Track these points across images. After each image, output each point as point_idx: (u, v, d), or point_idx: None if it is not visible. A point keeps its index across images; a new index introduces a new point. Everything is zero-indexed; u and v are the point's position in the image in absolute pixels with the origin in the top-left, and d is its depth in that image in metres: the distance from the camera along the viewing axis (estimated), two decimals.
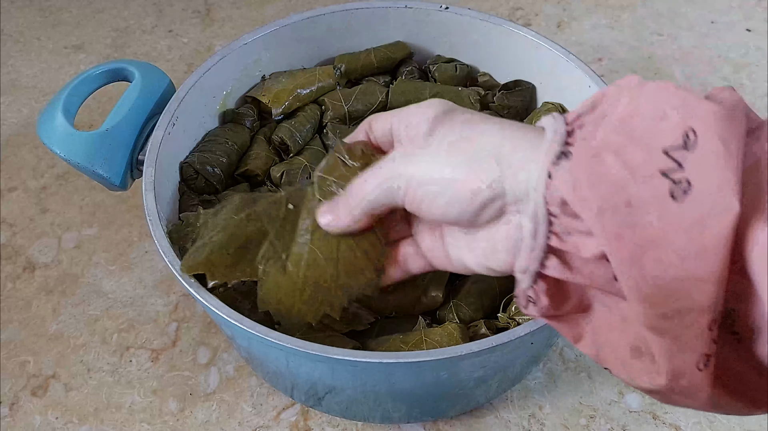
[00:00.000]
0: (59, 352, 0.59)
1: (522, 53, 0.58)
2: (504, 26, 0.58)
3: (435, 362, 0.42)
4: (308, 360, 0.45)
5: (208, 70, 0.55)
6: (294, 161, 0.57)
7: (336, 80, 0.61)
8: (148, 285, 0.62)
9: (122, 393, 0.57)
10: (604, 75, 0.77)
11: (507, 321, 0.48)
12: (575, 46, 0.81)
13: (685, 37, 0.82)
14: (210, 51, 0.81)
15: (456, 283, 0.51)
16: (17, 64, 0.80)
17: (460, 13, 0.59)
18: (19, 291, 0.62)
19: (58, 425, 0.55)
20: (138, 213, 0.67)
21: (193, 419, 0.55)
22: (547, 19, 0.84)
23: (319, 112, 0.60)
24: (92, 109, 0.74)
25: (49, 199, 0.68)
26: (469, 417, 0.55)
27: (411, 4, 0.60)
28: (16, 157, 0.72)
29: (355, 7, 0.60)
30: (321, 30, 0.60)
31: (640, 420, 0.55)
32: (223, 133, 0.57)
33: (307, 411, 0.56)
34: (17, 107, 0.76)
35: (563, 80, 0.56)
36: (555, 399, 0.56)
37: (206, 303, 0.44)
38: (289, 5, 0.87)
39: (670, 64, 0.79)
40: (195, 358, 0.58)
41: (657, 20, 0.84)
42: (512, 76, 0.60)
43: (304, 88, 0.59)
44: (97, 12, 0.86)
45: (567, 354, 0.58)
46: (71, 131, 0.50)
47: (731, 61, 0.79)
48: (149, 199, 0.48)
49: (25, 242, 0.65)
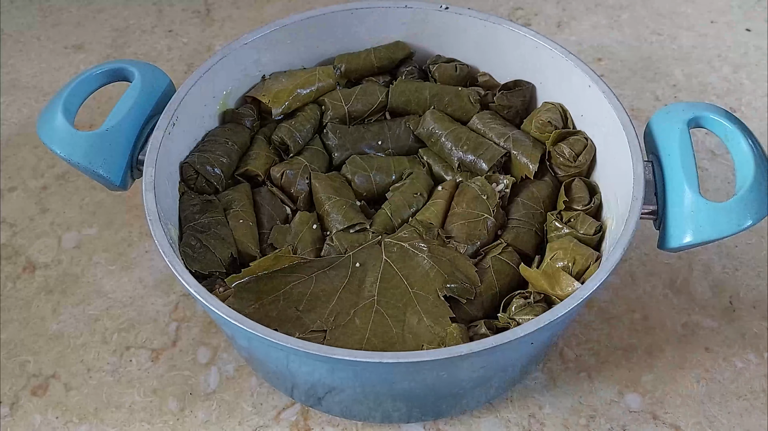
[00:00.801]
0: (59, 352, 0.59)
1: (522, 53, 0.58)
2: (504, 26, 0.58)
3: (435, 362, 0.42)
4: (308, 360, 0.45)
5: (208, 70, 0.55)
6: (294, 161, 0.57)
7: (336, 80, 0.61)
8: (148, 285, 0.62)
9: (122, 393, 0.57)
10: (604, 75, 0.77)
11: (507, 321, 0.48)
12: (575, 46, 0.81)
13: (685, 37, 0.82)
14: (210, 51, 0.81)
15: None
16: (17, 64, 0.80)
17: (460, 13, 0.59)
18: (19, 291, 0.62)
19: (58, 424, 0.55)
20: (138, 213, 0.67)
21: (193, 419, 0.55)
22: (547, 19, 0.84)
23: (319, 112, 0.60)
24: (92, 109, 0.74)
25: (49, 198, 0.68)
26: (469, 417, 0.55)
27: (411, 4, 0.60)
28: (16, 157, 0.72)
29: (355, 7, 0.60)
30: (321, 30, 0.60)
31: (640, 420, 0.55)
32: (223, 133, 0.57)
33: (307, 411, 0.56)
34: (17, 107, 0.76)
35: (563, 80, 0.56)
36: (555, 399, 0.56)
37: (206, 303, 0.44)
38: (289, 5, 0.87)
39: (669, 64, 0.79)
40: (195, 358, 0.58)
41: (657, 20, 0.84)
42: (512, 76, 0.60)
43: (304, 88, 0.59)
44: (97, 12, 0.86)
45: (567, 354, 0.58)
46: (71, 131, 0.50)
47: (731, 61, 0.79)
48: (149, 199, 0.48)
49: (25, 242, 0.65)
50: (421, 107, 0.59)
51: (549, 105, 0.57)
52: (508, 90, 0.59)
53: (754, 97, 0.76)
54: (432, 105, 0.59)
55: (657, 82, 0.77)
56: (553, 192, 0.54)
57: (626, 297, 0.61)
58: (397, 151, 0.59)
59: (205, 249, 0.50)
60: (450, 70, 0.61)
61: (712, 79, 0.77)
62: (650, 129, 0.51)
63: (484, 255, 0.51)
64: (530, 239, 0.53)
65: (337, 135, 0.58)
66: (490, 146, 0.56)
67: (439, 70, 0.61)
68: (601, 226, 0.52)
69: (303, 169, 0.56)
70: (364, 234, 0.53)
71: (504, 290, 0.50)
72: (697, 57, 0.80)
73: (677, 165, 0.48)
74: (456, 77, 0.61)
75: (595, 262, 0.49)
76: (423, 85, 0.60)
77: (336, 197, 0.54)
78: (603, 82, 0.53)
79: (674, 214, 0.47)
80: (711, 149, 0.71)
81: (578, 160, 0.54)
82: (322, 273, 0.50)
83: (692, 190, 0.47)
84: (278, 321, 0.47)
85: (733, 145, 0.49)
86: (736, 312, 0.60)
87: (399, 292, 0.49)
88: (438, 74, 0.61)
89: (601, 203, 0.54)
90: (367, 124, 0.60)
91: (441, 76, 0.61)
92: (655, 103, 0.75)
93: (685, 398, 0.56)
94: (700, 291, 0.62)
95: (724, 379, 0.57)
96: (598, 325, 0.60)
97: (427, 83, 0.60)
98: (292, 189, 0.56)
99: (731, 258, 0.63)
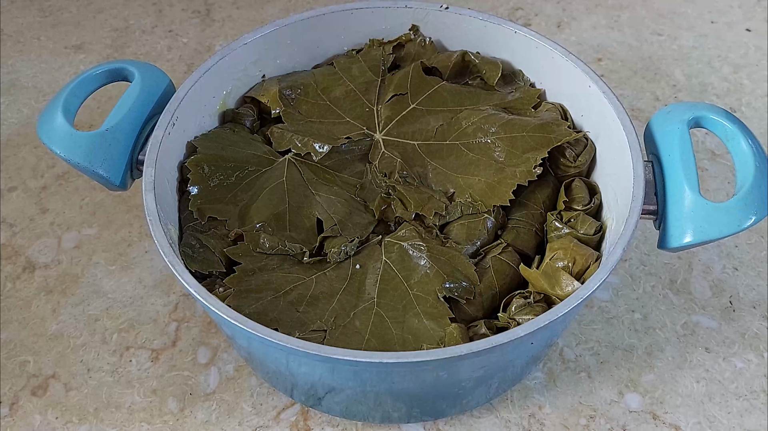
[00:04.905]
0: (59, 352, 0.59)
1: (522, 53, 0.58)
2: (504, 26, 0.58)
3: (435, 362, 0.42)
4: (308, 360, 0.45)
5: (208, 70, 0.55)
6: None
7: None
8: (148, 285, 0.62)
9: (122, 393, 0.57)
10: (604, 75, 0.77)
11: (507, 321, 0.48)
12: (575, 46, 0.81)
13: (685, 37, 0.82)
14: (210, 51, 0.81)
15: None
16: (17, 64, 0.80)
17: (460, 13, 0.59)
18: (19, 291, 0.62)
19: (58, 425, 0.55)
20: (138, 213, 0.67)
21: (193, 419, 0.55)
22: (547, 19, 0.84)
23: None
24: (92, 109, 0.74)
25: (49, 199, 0.68)
26: (469, 417, 0.55)
27: (411, 4, 0.60)
28: (16, 157, 0.72)
29: (355, 7, 0.60)
30: (321, 30, 0.60)
31: (640, 420, 0.55)
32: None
33: (307, 411, 0.56)
34: (17, 107, 0.76)
35: (563, 80, 0.56)
36: (555, 399, 0.56)
37: (206, 303, 0.44)
38: (289, 5, 0.87)
39: (669, 64, 0.79)
40: (195, 358, 0.58)
41: (657, 20, 0.84)
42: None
43: None
44: (97, 12, 0.86)
45: (567, 354, 0.58)
46: (71, 131, 0.50)
47: (731, 61, 0.79)
48: (149, 199, 0.48)
49: (25, 242, 0.65)
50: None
51: (549, 105, 0.57)
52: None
53: (754, 97, 0.76)
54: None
55: (657, 82, 0.77)
56: (553, 192, 0.54)
57: (626, 297, 0.61)
58: None
59: (205, 249, 0.50)
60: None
61: (712, 79, 0.77)
62: (650, 129, 0.51)
63: (484, 255, 0.51)
64: (530, 239, 0.53)
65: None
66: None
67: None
68: (601, 226, 0.52)
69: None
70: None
71: (504, 290, 0.50)
72: (697, 57, 0.80)
73: (677, 165, 0.48)
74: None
75: (595, 262, 0.49)
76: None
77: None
78: (603, 82, 0.53)
79: (674, 213, 0.47)
80: (711, 149, 0.71)
81: (578, 160, 0.54)
82: (322, 275, 0.50)
83: (692, 190, 0.47)
84: (278, 321, 0.47)
85: (733, 145, 0.49)
86: (736, 312, 0.60)
87: (399, 294, 0.49)
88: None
89: (601, 203, 0.54)
90: None
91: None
92: (655, 103, 0.75)
93: (685, 398, 0.56)
94: (700, 291, 0.62)
95: (724, 379, 0.57)
96: (598, 325, 0.60)
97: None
98: None
99: (731, 258, 0.63)
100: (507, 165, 0.52)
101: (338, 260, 0.50)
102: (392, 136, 0.55)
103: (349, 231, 0.51)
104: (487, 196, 0.52)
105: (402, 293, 0.49)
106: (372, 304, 0.48)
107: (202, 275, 0.50)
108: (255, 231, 0.51)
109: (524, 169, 0.52)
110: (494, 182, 0.52)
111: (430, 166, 0.54)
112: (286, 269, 0.50)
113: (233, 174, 0.53)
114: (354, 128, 0.56)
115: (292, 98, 0.57)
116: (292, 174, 0.54)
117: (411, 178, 0.53)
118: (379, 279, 0.49)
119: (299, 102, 0.57)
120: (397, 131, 0.55)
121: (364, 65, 0.59)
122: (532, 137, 0.53)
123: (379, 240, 0.51)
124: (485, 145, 0.53)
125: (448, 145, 0.54)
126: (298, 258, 0.50)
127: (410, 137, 0.55)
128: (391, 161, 0.53)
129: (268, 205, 0.52)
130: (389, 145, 0.55)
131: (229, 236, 0.51)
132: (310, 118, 0.56)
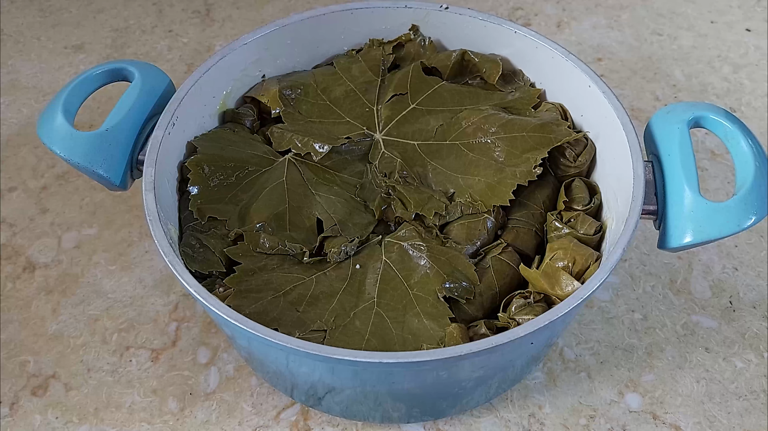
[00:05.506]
0: (59, 352, 0.59)
1: (522, 53, 0.58)
2: (504, 26, 0.58)
3: (435, 362, 0.42)
4: (308, 360, 0.45)
5: (208, 70, 0.55)
6: None
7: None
8: (148, 285, 0.62)
9: (122, 393, 0.57)
10: (604, 75, 0.77)
11: (507, 321, 0.48)
12: (575, 46, 0.81)
13: (685, 37, 0.82)
14: (210, 51, 0.81)
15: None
16: (17, 64, 0.80)
17: (460, 13, 0.59)
18: (19, 291, 0.62)
19: (58, 425, 0.55)
20: (138, 213, 0.67)
21: (193, 419, 0.55)
22: (547, 19, 0.84)
23: None
24: (92, 109, 0.74)
25: (49, 199, 0.68)
26: (469, 417, 0.55)
27: (411, 4, 0.60)
28: (16, 157, 0.72)
29: (355, 7, 0.60)
30: (321, 30, 0.60)
31: (640, 420, 0.55)
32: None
33: (307, 411, 0.56)
34: (17, 107, 0.76)
35: (563, 80, 0.56)
36: (555, 399, 0.56)
37: (206, 303, 0.44)
38: (289, 5, 0.87)
39: (669, 64, 0.79)
40: (195, 358, 0.58)
41: (657, 20, 0.84)
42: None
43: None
44: (97, 12, 0.86)
45: (567, 354, 0.58)
46: (71, 131, 0.50)
47: (731, 61, 0.79)
48: (149, 199, 0.48)
49: (25, 242, 0.65)
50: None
51: (549, 105, 0.57)
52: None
53: (754, 97, 0.76)
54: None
55: (657, 82, 0.77)
56: (553, 192, 0.54)
57: (626, 297, 0.61)
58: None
59: (205, 249, 0.50)
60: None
61: (712, 79, 0.77)
62: (650, 129, 0.51)
63: (484, 255, 0.51)
64: (530, 239, 0.53)
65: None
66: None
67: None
68: (601, 226, 0.52)
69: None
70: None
71: (504, 290, 0.50)
72: (697, 57, 0.80)
73: (677, 165, 0.48)
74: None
75: (595, 262, 0.49)
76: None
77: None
78: (603, 82, 0.53)
79: (674, 213, 0.47)
80: (711, 149, 0.71)
81: (578, 160, 0.54)
82: (322, 275, 0.50)
83: (692, 190, 0.47)
84: (278, 321, 0.47)
85: (733, 145, 0.49)
86: (736, 312, 0.60)
87: (399, 294, 0.49)
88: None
89: (601, 203, 0.54)
90: None
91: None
92: (655, 103, 0.75)
93: (685, 398, 0.56)
94: (700, 291, 0.62)
95: (724, 379, 0.57)
96: (598, 325, 0.60)
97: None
98: None
99: (731, 258, 0.63)
100: (507, 165, 0.52)
101: (338, 260, 0.50)
102: (392, 136, 0.55)
103: (349, 231, 0.51)
104: (487, 196, 0.52)
105: (402, 293, 0.49)
106: (372, 304, 0.48)
107: (202, 275, 0.50)
108: (255, 231, 0.51)
109: (524, 169, 0.52)
110: (494, 182, 0.52)
111: (430, 166, 0.54)
112: (286, 269, 0.50)
113: (233, 174, 0.53)
114: (354, 128, 0.56)
115: (292, 98, 0.57)
116: (292, 174, 0.54)
117: (411, 178, 0.53)
118: (379, 279, 0.49)
119: (299, 102, 0.57)
120: (397, 131, 0.55)
121: (364, 65, 0.59)
122: (532, 137, 0.53)
123: (379, 241, 0.51)
124: (485, 145, 0.53)
125: (448, 145, 0.54)
126: (298, 258, 0.50)
127: (410, 137, 0.55)
128: (391, 161, 0.53)
129: (268, 205, 0.52)
130: (389, 145, 0.55)
131: (229, 236, 0.51)
132: (310, 118, 0.56)
